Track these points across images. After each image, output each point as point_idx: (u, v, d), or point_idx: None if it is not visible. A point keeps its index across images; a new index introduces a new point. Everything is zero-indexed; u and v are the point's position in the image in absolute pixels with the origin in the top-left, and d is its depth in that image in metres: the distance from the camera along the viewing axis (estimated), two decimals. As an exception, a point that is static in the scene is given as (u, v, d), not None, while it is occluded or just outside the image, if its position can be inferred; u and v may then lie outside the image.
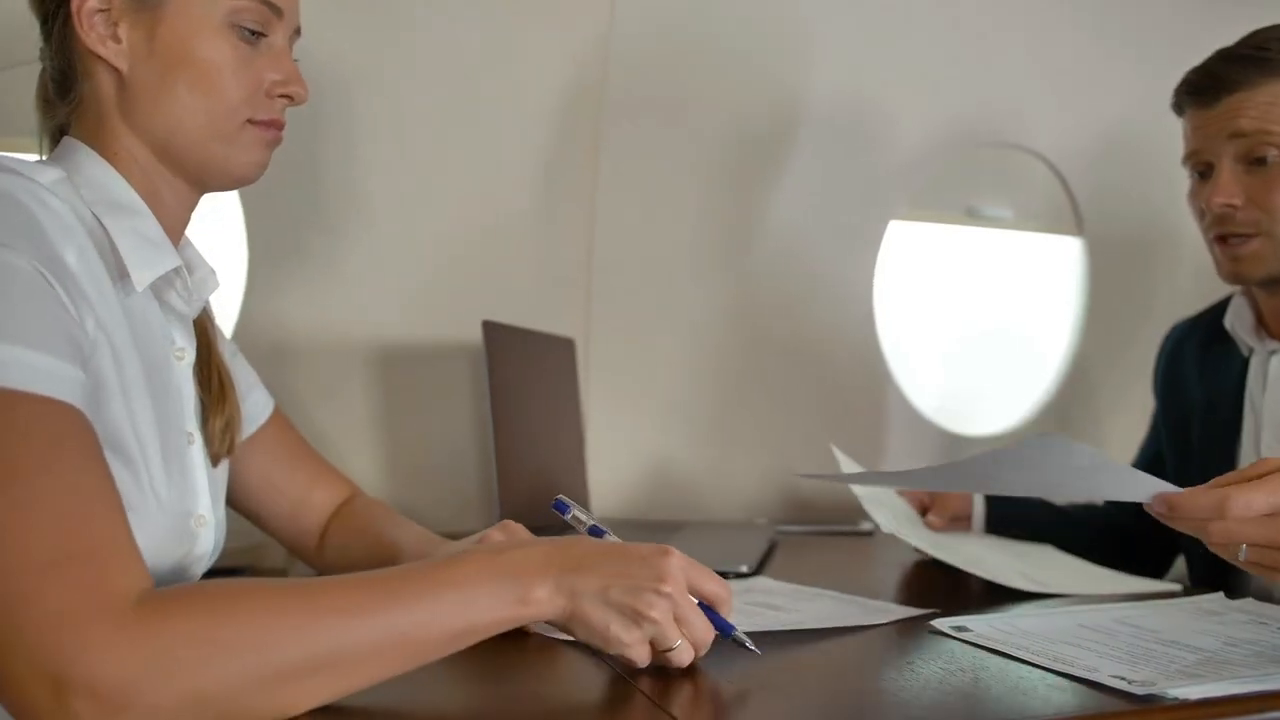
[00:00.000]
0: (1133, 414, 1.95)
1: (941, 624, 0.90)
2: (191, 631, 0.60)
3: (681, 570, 0.73)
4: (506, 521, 1.00)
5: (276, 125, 0.90)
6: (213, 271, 0.94)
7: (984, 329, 2.07)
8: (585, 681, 0.75)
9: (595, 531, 0.87)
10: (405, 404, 1.54)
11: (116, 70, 0.84)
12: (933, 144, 1.84)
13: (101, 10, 0.83)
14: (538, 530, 1.34)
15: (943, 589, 1.19)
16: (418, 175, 1.53)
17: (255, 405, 1.05)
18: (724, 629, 0.77)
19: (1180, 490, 0.84)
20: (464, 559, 0.69)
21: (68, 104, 0.87)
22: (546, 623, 0.72)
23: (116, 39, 0.83)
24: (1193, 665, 0.76)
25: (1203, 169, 1.27)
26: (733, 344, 1.76)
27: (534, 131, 1.59)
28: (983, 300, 2.07)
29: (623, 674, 0.74)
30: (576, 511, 0.88)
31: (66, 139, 0.87)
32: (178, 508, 0.83)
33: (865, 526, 1.65)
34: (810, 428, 1.79)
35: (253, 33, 0.87)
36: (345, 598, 0.65)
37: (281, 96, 0.90)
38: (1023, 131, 1.91)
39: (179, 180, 0.88)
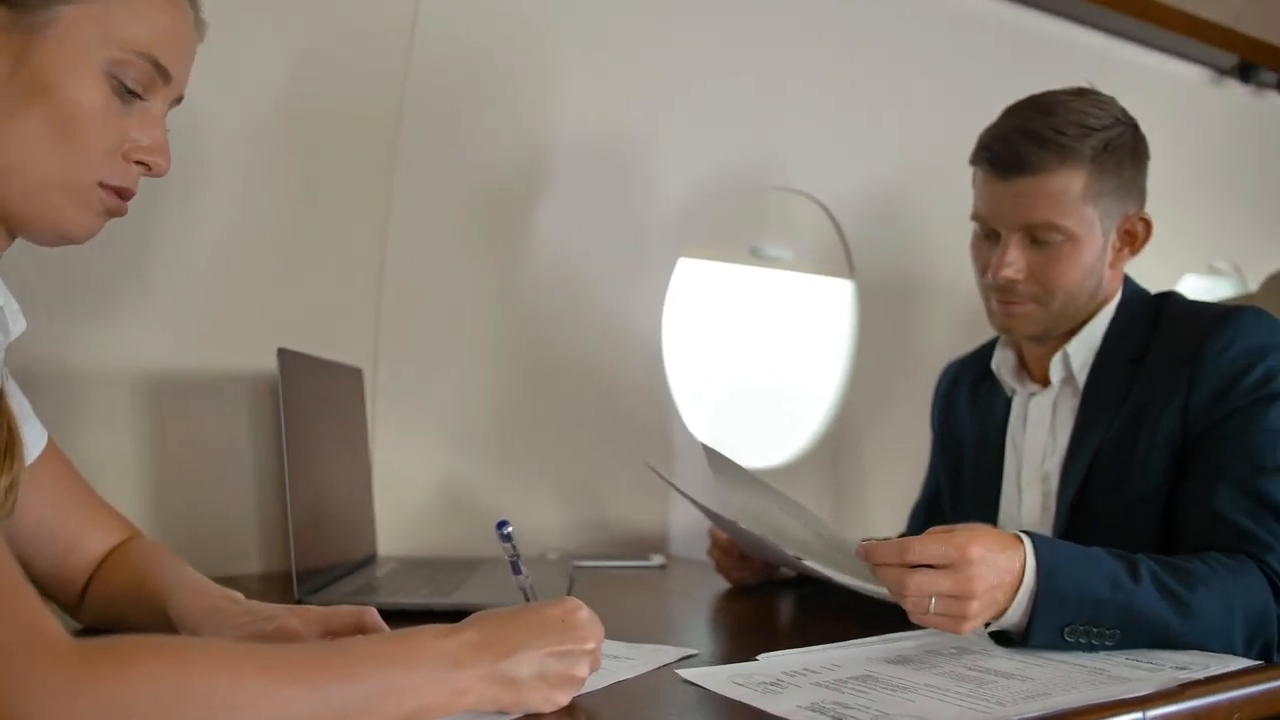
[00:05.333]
0: (893, 451, 2.09)
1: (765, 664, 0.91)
2: (155, 682, 0.54)
3: (592, 619, 0.77)
4: (301, 608, 0.88)
5: (126, 195, 0.81)
6: (17, 311, 0.83)
7: (762, 365, 2.15)
8: None
9: (515, 567, 0.86)
10: (178, 436, 1.42)
11: None
12: (720, 184, 1.89)
13: None
14: (330, 570, 1.29)
15: (749, 624, 1.22)
16: (197, 191, 1.42)
17: (29, 438, 0.94)
18: None
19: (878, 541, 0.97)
20: (414, 640, 0.68)
21: None
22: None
23: None
24: (1008, 688, 0.80)
25: (988, 231, 1.29)
26: (521, 375, 1.74)
27: (327, 153, 1.53)
28: (764, 337, 2.15)
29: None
30: (514, 541, 0.86)
31: None
32: None
33: (657, 560, 1.67)
34: (599, 459, 1.80)
35: (130, 91, 0.78)
36: (299, 667, 0.61)
37: (139, 164, 0.81)
38: (803, 178, 2.00)
39: None
